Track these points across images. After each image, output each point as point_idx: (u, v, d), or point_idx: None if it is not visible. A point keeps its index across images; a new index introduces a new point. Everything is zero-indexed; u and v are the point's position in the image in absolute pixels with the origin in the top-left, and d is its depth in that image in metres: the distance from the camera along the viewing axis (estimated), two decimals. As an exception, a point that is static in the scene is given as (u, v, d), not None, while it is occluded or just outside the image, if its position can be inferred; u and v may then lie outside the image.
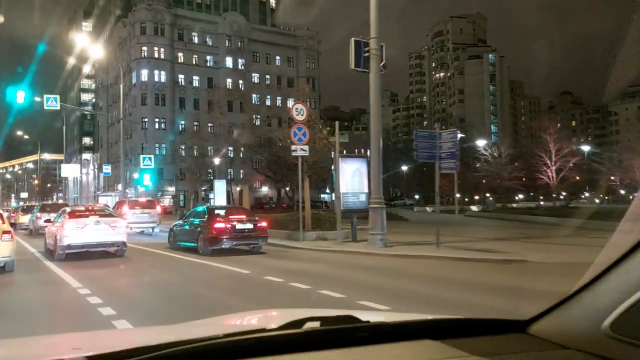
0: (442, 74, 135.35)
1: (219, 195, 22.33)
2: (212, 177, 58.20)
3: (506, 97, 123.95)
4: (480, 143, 35.22)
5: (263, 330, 1.27)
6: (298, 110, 12.54)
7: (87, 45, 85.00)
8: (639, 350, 1.01)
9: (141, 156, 26.64)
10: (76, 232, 10.96)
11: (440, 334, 1.29)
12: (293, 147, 12.55)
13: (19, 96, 22.84)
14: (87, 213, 11.99)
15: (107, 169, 33.52)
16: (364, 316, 1.42)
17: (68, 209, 12.46)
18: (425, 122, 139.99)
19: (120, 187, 31.28)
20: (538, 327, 1.26)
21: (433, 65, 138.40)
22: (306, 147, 12.62)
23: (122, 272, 9.92)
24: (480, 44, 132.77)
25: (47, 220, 15.49)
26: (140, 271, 10.04)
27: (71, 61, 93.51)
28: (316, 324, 1.26)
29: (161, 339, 1.16)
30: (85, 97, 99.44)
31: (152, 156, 26.30)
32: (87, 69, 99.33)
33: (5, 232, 8.56)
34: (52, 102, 23.80)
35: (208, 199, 58.24)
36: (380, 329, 1.37)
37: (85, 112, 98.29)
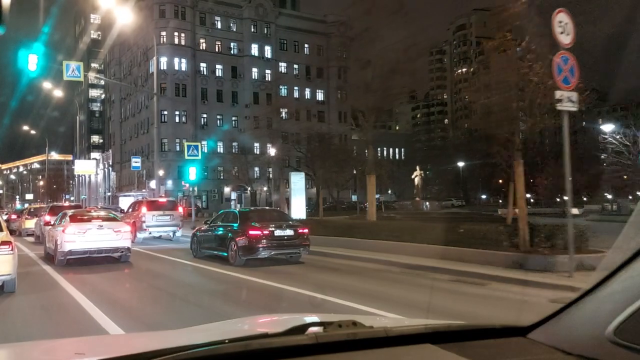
0: (464, 69, 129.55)
1: (297, 192, 16.44)
2: (238, 175, 52.44)
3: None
4: (607, 128, 29.22)
5: (266, 335, 1.27)
6: (562, 26, 6.62)
7: (98, 32, 79.26)
8: None
9: (186, 144, 20.94)
10: (78, 237, 10.52)
11: (442, 339, 1.28)
12: (558, 95, 6.67)
13: (31, 61, 17.07)
14: (90, 217, 11.64)
15: (136, 162, 27.79)
16: (367, 321, 1.41)
17: (70, 212, 11.91)
18: (447, 120, 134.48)
19: (153, 184, 25.51)
20: (540, 333, 1.24)
21: (455, 60, 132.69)
22: (574, 96, 6.74)
23: (137, 287, 8.85)
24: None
25: (48, 223, 13.88)
26: (159, 287, 8.56)
27: (76, 56, 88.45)
28: (319, 329, 1.26)
29: (165, 344, 1.17)
30: (94, 92, 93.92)
31: (198, 144, 20.58)
32: (94, 64, 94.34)
33: (4, 242, 7.16)
34: (73, 72, 17.94)
35: (241, 200, 52.45)
36: (382, 333, 1.33)
37: (94, 109, 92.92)
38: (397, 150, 79.41)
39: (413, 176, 31.36)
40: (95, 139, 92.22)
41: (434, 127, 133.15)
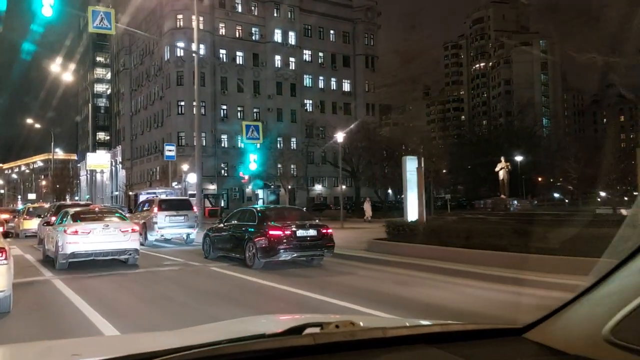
0: (482, 64, 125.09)
1: (411, 185, 11.89)
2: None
3: (559, 87, 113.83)
4: None
5: (264, 336, 1.27)
6: None
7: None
8: None
9: (244, 123, 16.19)
10: (81, 238, 9.61)
11: (439, 339, 1.29)
12: None
13: (46, 4, 12.55)
14: (94, 216, 10.80)
15: (170, 150, 23.02)
16: (364, 322, 1.43)
17: (71, 211, 10.80)
18: (464, 117, 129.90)
19: (191, 178, 20.84)
20: (536, 334, 1.25)
21: (472, 54, 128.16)
22: None
23: (153, 295, 7.53)
24: (523, 31, 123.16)
25: (47, 223, 12.39)
26: (171, 294, 7.45)
27: (81, 50, 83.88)
28: (316, 330, 1.26)
29: (162, 345, 1.18)
30: (100, 87, 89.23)
31: (259, 124, 15.88)
32: (99, 57, 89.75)
33: None
34: (102, 22, 13.32)
35: (276, 198, 47.80)
36: (379, 334, 1.33)
37: (99, 105, 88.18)
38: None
39: (497, 169, 26.66)
40: (101, 135, 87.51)
41: (448, 124, 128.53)
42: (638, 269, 1.04)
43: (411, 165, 12.55)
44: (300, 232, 9.64)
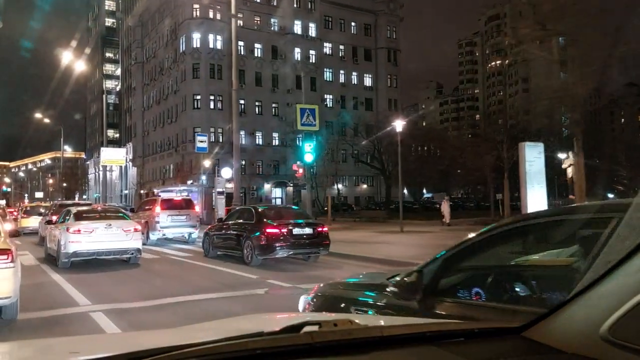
0: (498, 62, 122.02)
1: (535, 178, 9.32)
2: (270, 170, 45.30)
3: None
4: None
5: (262, 334, 1.26)
6: None
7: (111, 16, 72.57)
8: (639, 355, 1.01)
9: (298, 106, 13.65)
10: (84, 238, 9.71)
11: (437, 338, 1.30)
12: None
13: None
14: (97, 215, 10.93)
15: (202, 141, 20.46)
16: (362, 320, 1.43)
17: (74, 210, 10.92)
18: (478, 116, 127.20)
19: (225, 173, 18.36)
20: (534, 332, 1.26)
21: (487, 52, 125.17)
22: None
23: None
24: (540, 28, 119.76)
25: (49, 222, 12.23)
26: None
27: (90, 46, 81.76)
28: (314, 328, 1.26)
29: (160, 343, 1.19)
30: (109, 84, 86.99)
31: (315, 107, 13.40)
32: (109, 53, 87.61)
33: (0, 251, 5.02)
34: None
35: (297, 197, 45.25)
36: (377, 332, 1.34)
37: (108, 102, 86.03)
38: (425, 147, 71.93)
39: (565, 165, 23.86)
40: (110, 133, 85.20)
41: (463, 123, 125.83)
42: (635, 269, 1.05)
43: (531, 154, 9.92)
44: (297, 230, 9.95)
